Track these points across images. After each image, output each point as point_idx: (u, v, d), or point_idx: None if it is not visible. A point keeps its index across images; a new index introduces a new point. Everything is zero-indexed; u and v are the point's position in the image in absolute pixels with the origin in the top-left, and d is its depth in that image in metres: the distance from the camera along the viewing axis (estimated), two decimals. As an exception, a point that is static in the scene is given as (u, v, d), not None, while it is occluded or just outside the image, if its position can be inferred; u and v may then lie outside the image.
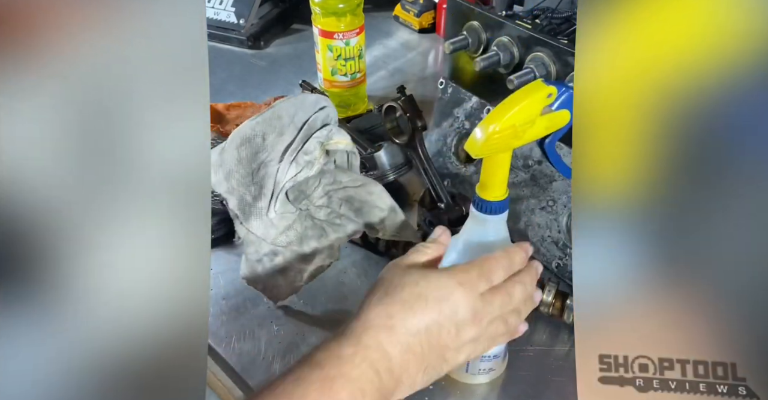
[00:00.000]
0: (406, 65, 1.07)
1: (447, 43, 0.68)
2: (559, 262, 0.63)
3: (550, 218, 0.63)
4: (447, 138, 0.74)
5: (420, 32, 1.16)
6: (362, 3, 0.84)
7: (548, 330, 0.59)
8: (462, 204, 0.67)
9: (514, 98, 0.40)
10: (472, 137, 0.40)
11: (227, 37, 1.12)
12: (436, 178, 0.67)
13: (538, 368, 0.56)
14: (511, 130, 0.40)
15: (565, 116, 0.42)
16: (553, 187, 0.63)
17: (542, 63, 0.60)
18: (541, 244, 0.65)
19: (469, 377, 0.54)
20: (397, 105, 0.68)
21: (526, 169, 0.65)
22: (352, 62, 0.87)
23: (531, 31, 0.61)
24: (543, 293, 0.57)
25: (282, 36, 1.16)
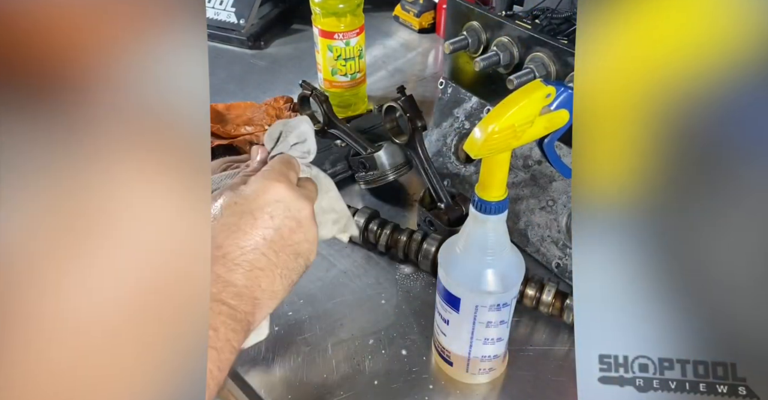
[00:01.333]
0: (406, 65, 1.07)
1: (447, 43, 0.68)
2: (559, 262, 0.63)
3: (550, 217, 0.63)
4: (447, 138, 0.74)
5: (420, 32, 1.16)
6: (362, 3, 0.84)
7: (548, 330, 0.59)
8: (462, 204, 0.67)
9: (512, 98, 0.40)
10: (472, 137, 0.40)
11: (227, 37, 1.12)
12: (436, 178, 0.67)
13: (538, 368, 0.56)
14: (510, 131, 0.40)
15: (564, 116, 0.42)
16: (553, 187, 0.63)
17: (542, 63, 0.60)
18: (541, 244, 0.65)
19: (469, 377, 0.54)
20: (397, 105, 0.68)
21: (526, 169, 0.65)
22: (352, 62, 0.87)
23: (531, 31, 0.61)
24: (543, 293, 0.57)
25: (282, 36, 1.16)
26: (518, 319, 0.60)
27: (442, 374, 0.55)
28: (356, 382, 0.54)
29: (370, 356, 0.57)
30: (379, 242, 0.65)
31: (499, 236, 0.45)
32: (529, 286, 0.57)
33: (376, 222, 0.66)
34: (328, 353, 0.57)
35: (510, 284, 0.47)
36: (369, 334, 0.59)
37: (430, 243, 0.63)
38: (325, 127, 0.78)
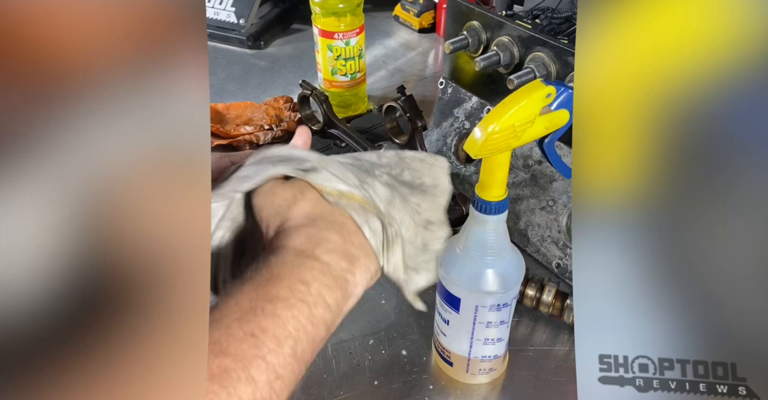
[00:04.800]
0: (406, 65, 1.07)
1: (447, 43, 0.68)
2: (559, 262, 0.63)
3: (550, 217, 0.63)
4: (447, 138, 0.74)
5: (420, 32, 1.16)
6: (362, 3, 0.84)
7: (548, 330, 0.59)
8: (462, 204, 0.67)
9: (513, 98, 0.40)
10: (472, 137, 0.40)
11: (227, 37, 1.12)
12: (436, 178, 0.67)
13: (538, 368, 0.56)
14: (511, 130, 0.40)
15: (564, 116, 0.42)
16: (553, 187, 0.63)
17: (542, 63, 0.60)
18: (541, 244, 0.64)
19: (469, 377, 0.54)
20: (397, 105, 0.68)
21: (526, 169, 0.65)
22: (352, 62, 0.87)
23: (531, 31, 0.61)
24: (543, 293, 0.57)
25: (282, 36, 1.16)
26: (518, 319, 0.60)
27: (442, 374, 0.55)
28: (356, 382, 0.54)
29: (370, 356, 0.57)
30: (379, 242, 0.65)
31: (500, 236, 0.45)
32: (529, 286, 0.57)
33: (376, 222, 0.66)
34: (328, 353, 0.57)
35: (510, 284, 0.47)
36: (369, 334, 0.59)
37: (430, 243, 0.63)
38: (325, 127, 0.78)
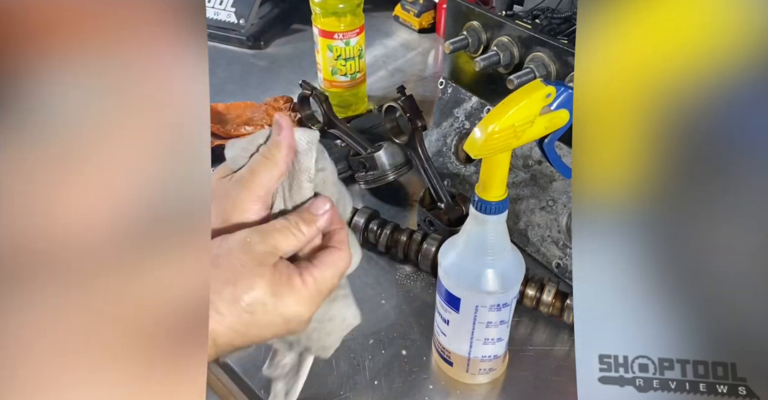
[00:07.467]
0: (406, 65, 1.07)
1: (447, 43, 0.68)
2: (559, 262, 0.63)
3: (550, 217, 0.63)
4: (447, 138, 0.74)
5: (420, 32, 1.16)
6: (362, 3, 0.84)
7: (548, 330, 0.59)
8: (462, 204, 0.67)
9: (512, 98, 0.40)
10: (472, 137, 0.40)
11: (227, 37, 1.12)
12: (436, 178, 0.67)
13: (538, 368, 0.56)
14: (511, 130, 0.40)
15: (564, 116, 0.42)
16: (553, 187, 0.63)
17: (542, 63, 0.60)
18: (541, 244, 0.65)
19: (469, 377, 0.54)
20: (397, 105, 0.68)
21: (526, 169, 0.65)
22: (352, 62, 0.87)
23: (531, 31, 0.61)
24: (543, 293, 0.57)
25: (282, 36, 1.16)
26: (518, 319, 0.60)
27: (442, 374, 0.55)
28: (356, 382, 0.54)
29: (370, 356, 0.57)
30: (379, 242, 0.65)
31: (499, 236, 0.45)
32: (529, 286, 0.57)
33: (376, 222, 0.66)
34: (328, 353, 0.57)
35: (510, 284, 0.47)
36: (369, 334, 0.59)
37: (430, 243, 0.63)
38: (325, 127, 0.78)
